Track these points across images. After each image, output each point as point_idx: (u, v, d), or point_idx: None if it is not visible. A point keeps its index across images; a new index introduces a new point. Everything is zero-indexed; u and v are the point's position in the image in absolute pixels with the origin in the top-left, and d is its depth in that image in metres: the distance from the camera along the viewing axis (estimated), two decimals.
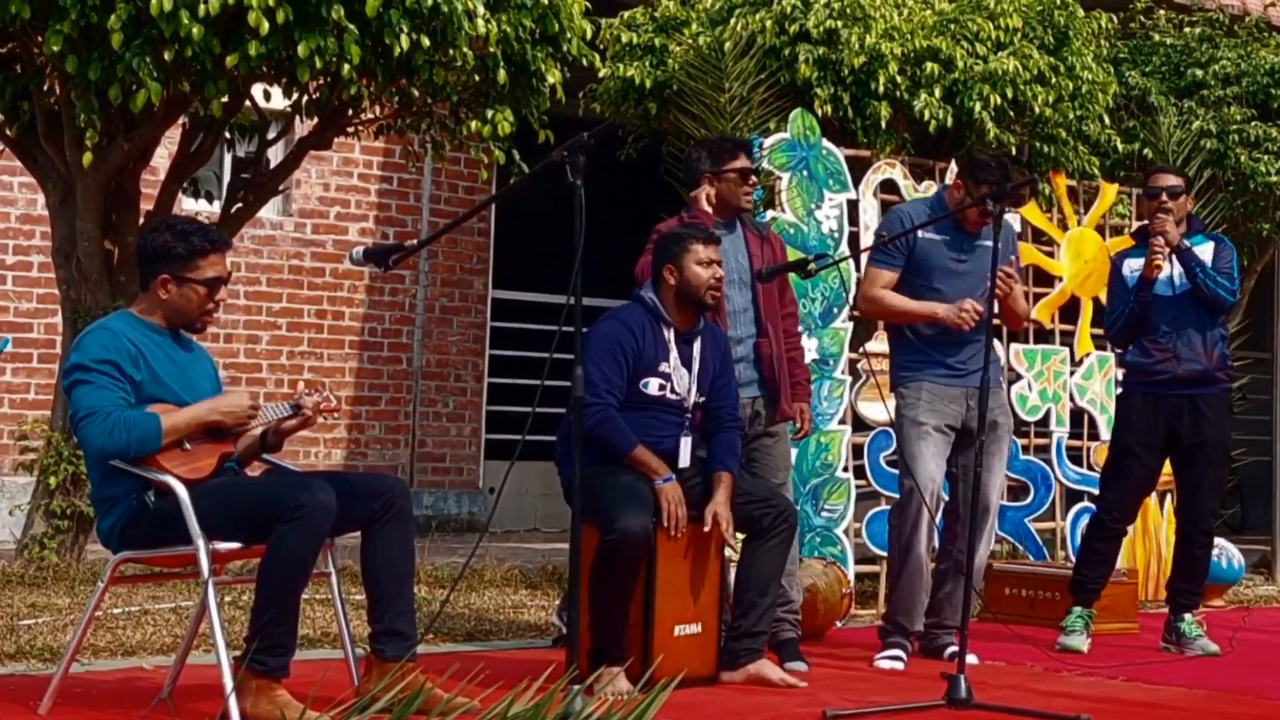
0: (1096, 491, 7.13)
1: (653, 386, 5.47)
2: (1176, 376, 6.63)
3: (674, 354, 5.52)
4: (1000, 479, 6.43)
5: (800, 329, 6.45)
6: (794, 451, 6.66)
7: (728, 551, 5.64)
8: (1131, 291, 6.64)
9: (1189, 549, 6.79)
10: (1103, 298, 7.71)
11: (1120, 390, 6.88)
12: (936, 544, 6.35)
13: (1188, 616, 6.76)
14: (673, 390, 5.50)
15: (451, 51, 7.19)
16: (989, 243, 5.97)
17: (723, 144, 6.13)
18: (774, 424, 6.01)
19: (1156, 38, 10.65)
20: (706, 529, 5.38)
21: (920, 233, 6.19)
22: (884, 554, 7.03)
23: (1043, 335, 8.50)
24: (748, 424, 5.93)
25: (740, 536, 5.64)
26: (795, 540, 6.14)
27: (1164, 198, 6.63)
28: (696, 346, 5.57)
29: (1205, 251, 6.68)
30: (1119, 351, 7.09)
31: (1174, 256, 6.61)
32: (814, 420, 6.87)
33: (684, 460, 5.51)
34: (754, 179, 6.10)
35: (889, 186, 8.01)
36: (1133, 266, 6.73)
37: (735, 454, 5.57)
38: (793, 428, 6.13)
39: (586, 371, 5.27)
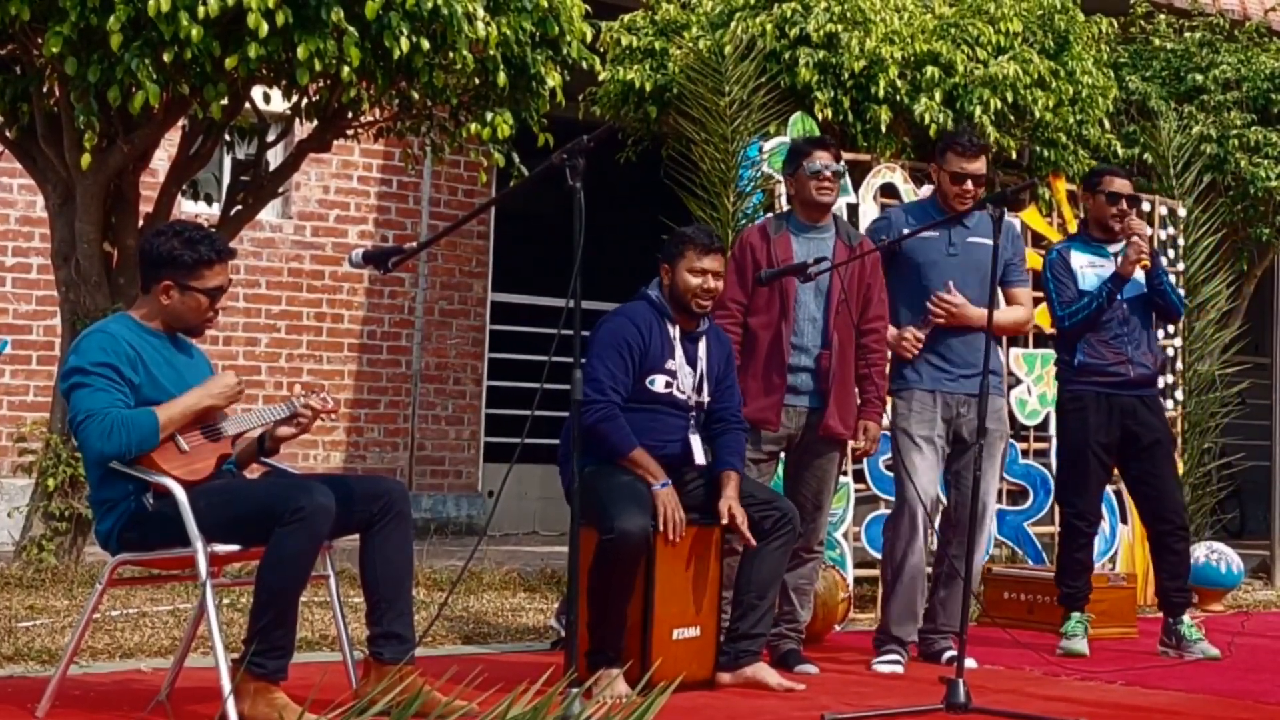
0: (1063, 499, 6.91)
1: (659, 384, 5.47)
2: (1129, 379, 6.68)
3: (679, 352, 5.51)
4: (994, 484, 6.43)
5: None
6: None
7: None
8: (1103, 286, 6.62)
9: (1169, 547, 6.76)
10: None
11: (1069, 392, 6.76)
12: (934, 548, 6.35)
13: (1186, 618, 6.75)
14: (678, 388, 5.50)
15: (451, 54, 7.18)
16: (982, 239, 6.04)
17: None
18: (819, 437, 5.97)
19: (1157, 42, 10.64)
20: (724, 521, 5.37)
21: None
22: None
23: (1041, 340, 8.48)
24: (800, 433, 5.95)
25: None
26: (819, 562, 6.15)
27: (1125, 204, 6.73)
28: (701, 346, 5.58)
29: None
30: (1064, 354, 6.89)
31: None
32: None
33: (699, 457, 5.51)
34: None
35: (889, 190, 8.01)
36: (1094, 262, 6.71)
37: (741, 454, 5.57)
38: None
39: (592, 368, 5.29)
